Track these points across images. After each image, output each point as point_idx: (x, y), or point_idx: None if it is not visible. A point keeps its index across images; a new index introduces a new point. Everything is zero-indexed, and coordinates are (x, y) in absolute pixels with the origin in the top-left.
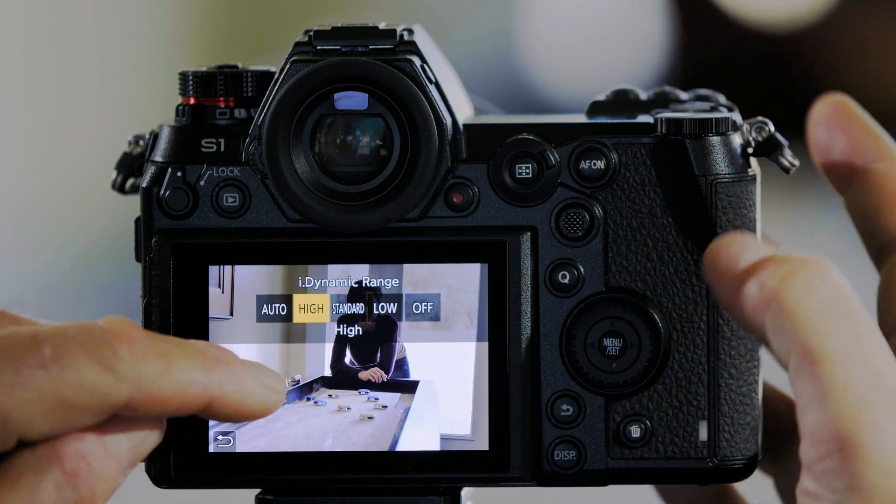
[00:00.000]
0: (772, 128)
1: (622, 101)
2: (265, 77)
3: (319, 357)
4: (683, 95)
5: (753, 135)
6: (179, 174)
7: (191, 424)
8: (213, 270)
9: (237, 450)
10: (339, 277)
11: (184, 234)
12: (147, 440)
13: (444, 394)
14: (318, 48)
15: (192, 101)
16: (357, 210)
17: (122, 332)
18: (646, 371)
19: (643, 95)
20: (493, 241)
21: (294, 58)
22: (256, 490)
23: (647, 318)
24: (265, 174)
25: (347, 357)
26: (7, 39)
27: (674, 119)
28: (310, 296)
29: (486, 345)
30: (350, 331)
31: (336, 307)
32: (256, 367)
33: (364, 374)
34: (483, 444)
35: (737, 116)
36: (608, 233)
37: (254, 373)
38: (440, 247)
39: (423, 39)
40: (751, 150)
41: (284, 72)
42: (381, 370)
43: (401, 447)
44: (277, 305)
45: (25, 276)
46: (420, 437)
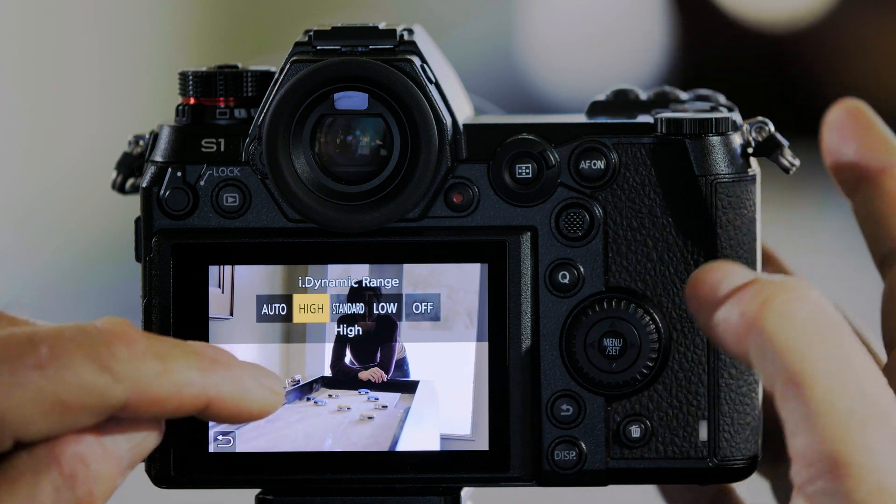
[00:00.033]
0: (772, 128)
1: (622, 101)
2: (265, 77)
3: (319, 357)
4: (683, 95)
5: (753, 135)
6: (179, 174)
7: (191, 424)
8: (213, 270)
9: (237, 450)
10: (339, 277)
11: (184, 234)
12: (146, 441)
13: (444, 394)
14: (318, 48)
15: (192, 101)
16: (357, 210)
17: (120, 333)
18: (646, 371)
19: (643, 95)
20: (493, 241)
21: (294, 58)
22: (256, 490)
23: (647, 318)
24: (265, 174)
25: (347, 357)
26: (7, 39)
27: (674, 119)
28: (310, 296)
29: (486, 345)
30: (350, 331)
31: (336, 307)
32: (255, 368)
33: (364, 374)
34: (483, 444)
35: (737, 116)
36: (608, 233)
37: (252, 374)
38: (440, 247)
39: (423, 39)
40: (751, 150)
41: (284, 72)
42: (381, 370)
43: (401, 447)
44: (277, 305)
45: (25, 276)
46: (420, 437)
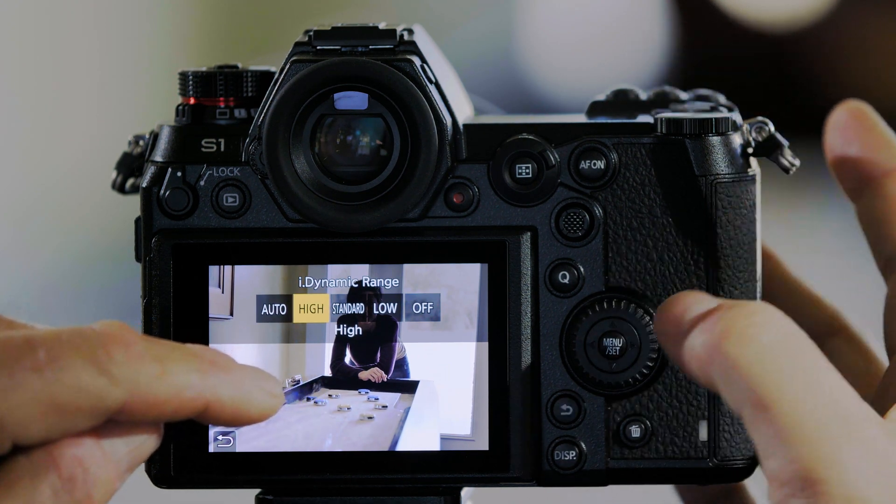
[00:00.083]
0: (772, 128)
1: (622, 101)
2: (265, 77)
3: (319, 357)
4: (683, 95)
5: (753, 135)
6: (179, 174)
7: (191, 424)
8: (213, 270)
9: (237, 450)
10: (339, 277)
11: (184, 234)
12: (145, 445)
13: (444, 394)
14: (318, 48)
15: (192, 101)
16: (357, 210)
17: (118, 336)
18: (646, 371)
19: (643, 95)
20: (493, 241)
21: (294, 58)
22: (256, 490)
23: (647, 318)
24: (265, 174)
25: (347, 357)
26: (7, 39)
27: (674, 119)
28: (310, 296)
29: (486, 345)
30: (350, 331)
31: (336, 307)
32: (254, 371)
33: (364, 374)
34: (483, 444)
35: (737, 116)
36: (608, 233)
37: (251, 377)
38: (440, 247)
39: (423, 39)
40: (751, 150)
41: (284, 72)
42: (381, 370)
43: (401, 447)
44: (277, 305)
45: (25, 276)
46: (420, 437)
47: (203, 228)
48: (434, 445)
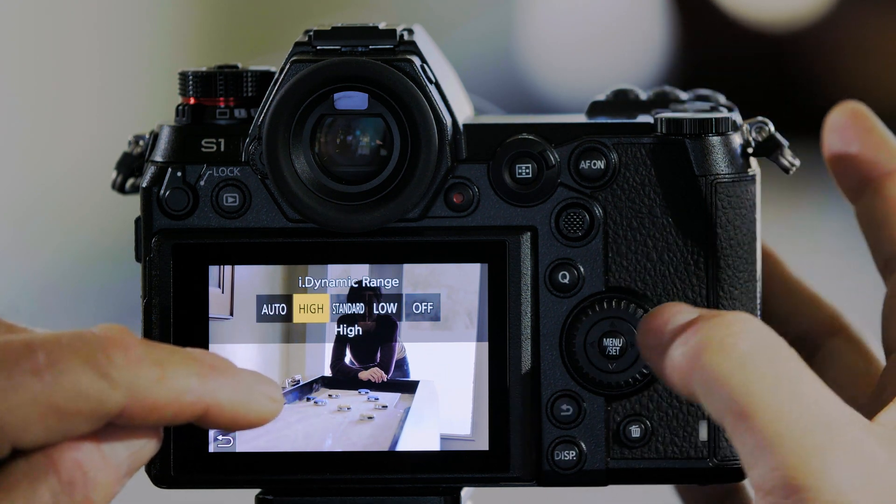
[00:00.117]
0: (772, 128)
1: (622, 101)
2: (265, 77)
3: (319, 357)
4: (683, 95)
5: (753, 135)
6: (179, 174)
7: (191, 425)
8: (213, 270)
9: (237, 450)
10: (339, 277)
11: (184, 234)
12: (144, 449)
13: (444, 394)
14: (318, 48)
15: (192, 101)
16: (357, 210)
17: (117, 340)
18: (646, 371)
19: (643, 95)
20: (493, 241)
21: (294, 58)
22: (256, 490)
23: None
24: (265, 174)
25: (347, 357)
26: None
27: (674, 119)
28: (310, 296)
29: (486, 345)
30: (350, 331)
31: (336, 307)
32: (254, 376)
33: (364, 374)
34: (483, 444)
35: (737, 116)
36: (608, 233)
37: (251, 381)
38: (440, 247)
39: (423, 39)
40: (751, 150)
41: (284, 72)
42: (381, 370)
43: (401, 447)
44: (277, 305)
45: (25, 276)
46: (420, 437)
47: (203, 228)
48: (434, 445)
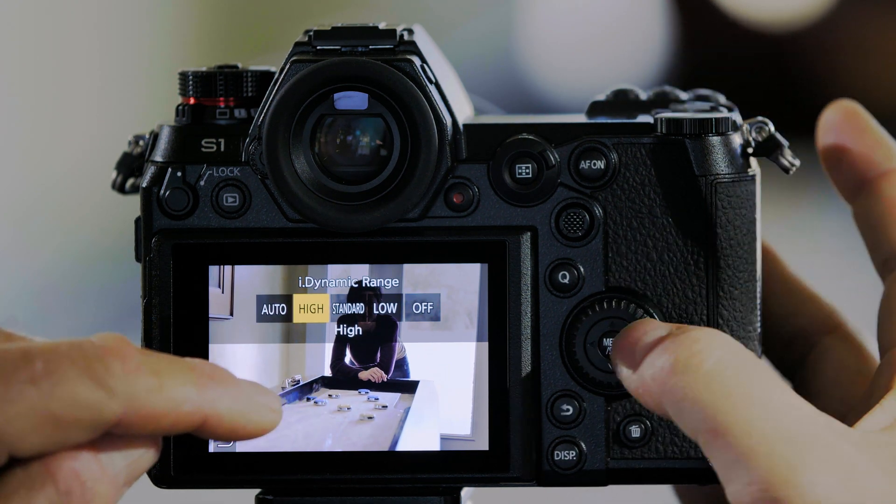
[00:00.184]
0: (772, 128)
1: (622, 101)
2: (265, 77)
3: (319, 357)
4: (683, 95)
5: (753, 135)
6: (179, 174)
7: None
8: (213, 270)
9: (237, 450)
10: (339, 277)
11: (184, 234)
12: (142, 459)
13: (444, 394)
14: (318, 48)
15: (192, 101)
16: (357, 210)
17: (115, 349)
18: None
19: (643, 95)
20: (493, 241)
21: (294, 58)
22: (256, 490)
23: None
24: (265, 174)
25: (347, 357)
26: (7, 39)
27: (674, 119)
28: (310, 296)
29: (486, 345)
30: (350, 331)
31: (336, 307)
32: (252, 386)
33: (364, 374)
34: (483, 444)
35: (737, 116)
36: (608, 233)
37: (250, 391)
38: (440, 247)
39: (423, 39)
40: (751, 150)
41: (284, 72)
42: (381, 370)
43: (401, 447)
44: (277, 305)
45: (25, 276)
46: (420, 437)
47: (203, 228)
48: (434, 445)
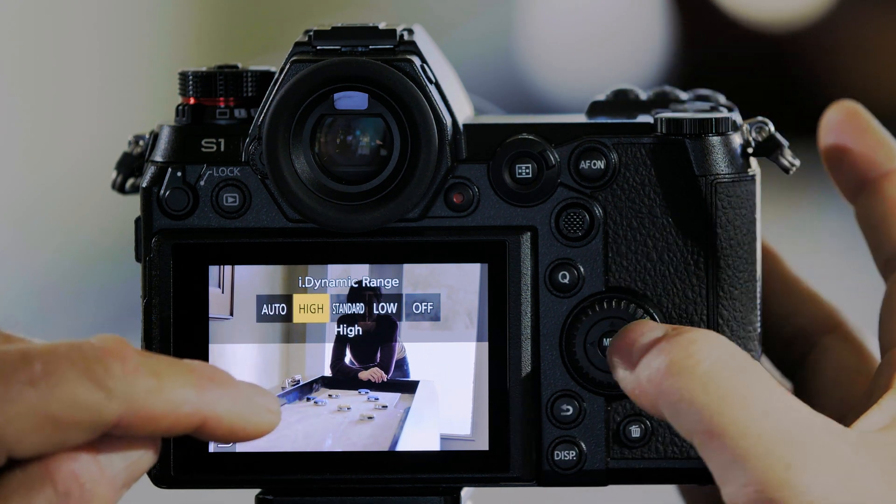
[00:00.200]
0: (772, 128)
1: (622, 101)
2: (265, 77)
3: (319, 357)
4: (683, 95)
5: (753, 135)
6: (179, 174)
7: None
8: (213, 270)
9: (237, 450)
10: (339, 277)
11: (184, 234)
12: (141, 460)
13: (444, 394)
14: (318, 48)
15: (192, 101)
16: (357, 210)
17: (114, 350)
18: None
19: (643, 95)
20: (493, 241)
21: (294, 58)
22: (256, 490)
23: (647, 318)
24: (265, 174)
25: (347, 357)
26: (7, 39)
27: (674, 119)
28: (310, 296)
29: (486, 345)
30: (350, 331)
31: (336, 307)
32: (252, 388)
33: (364, 374)
34: (483, 444)
35: (737, 116)
36: (608, 233)
37: (249, 393)
38: (440, 247)
39: (423, 39)
40: (751, 150)
41: (284, 72)
42: (381, 370)
43: (401, 447)
44: (277, 305)
45: (25, 276)
46: (420, 437)
47: (203, 228)
48: (434, 445)
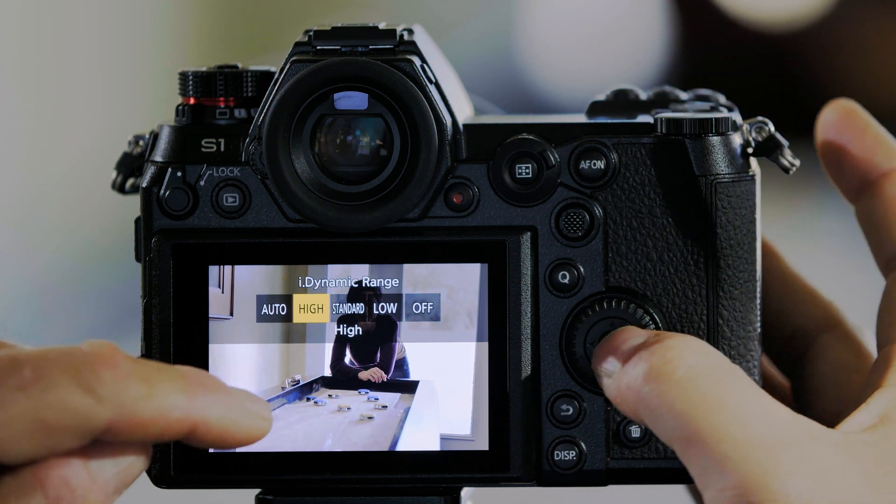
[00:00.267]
0: (772, 128)
1: (622, 101)
2: (265, 77)
3: (319, 357)
4: (683, 95)
5: (753, 135)
6: (179, 174)
7: None
8: (213, 270)
9: (237, 450)
10: (339, 277)
11: (184, 234)
12: (132, 466)
13: (444, 394)
14: (318, 48)
15: (192, 101)
16: (357, 210)
17: (104, 356)
18: None
19: (643, 95)
20: (493, 241)
21: (294, 58)
22: (256, 490)
23: (647, 318)
24: (265, 174)
25: (347, 357)
26: (7, 39)
27: (674, 119)
28: (310, 296)
29: (486, 345)
30: (350, 331)
31: (336, 307)
32: (242, 394)
33: (364, 374)
34: (483, 444)
35: (737, 116)
36: (608, 233)
37: (239, 399)
38: (440, 247)
39: (423, 39)
40: (751, 150)
41: (284, 72)
42: (381, 370)
43: (401, 447)
44: (277, 305)
45: (25, 276)
46: (420, 437)
47: (203, 228)
48: (434, 445)
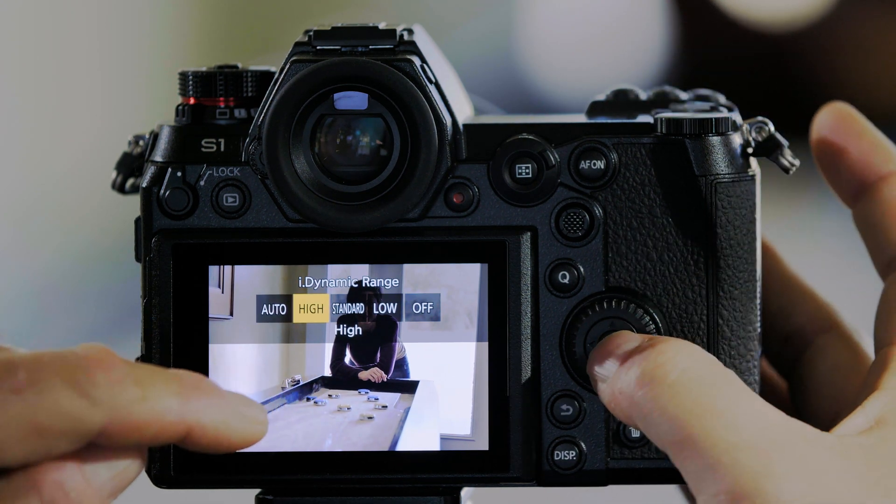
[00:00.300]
0: (772, 128)
1: (622, 101)
2: (265, 77)
3: (319, 357)
4: (683, 95)
5: (753, 135)
6: (179, 174)
7: None
8: (213, 270)
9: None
10: (339, 277)
11: (184, 234)
12: (127, 470)
13: (444, 394)
14: (318, 48)
15: (192, 101)
16: (357, 210)
17: (99, 359)
18: None
19: (643, 95)
20: (493, 241)
21: (294, 58)
22: (256, 490)
23: (647, 318)
24: (265, 174)
25: (347, 357)
26: (7, 39)
27: (674, 119)
28: (310, 296)
29: (486, 345)
30: (350, 331)
31: (336, 307)
32: (237, 398)
33: (364, 374)
34: (483, 444)
35: (737, 116)
36: (608, 233)
37: (234, 403)
38: (440, 247)
39: (423, 39)
40: (751, 150)
41: (284, 72)
42: (381, 370)
43: (401, 447)
44: (277, 305)
45: (25, 276)
46: (420, 437)
47: (203, 228)
48: (434, 445)
